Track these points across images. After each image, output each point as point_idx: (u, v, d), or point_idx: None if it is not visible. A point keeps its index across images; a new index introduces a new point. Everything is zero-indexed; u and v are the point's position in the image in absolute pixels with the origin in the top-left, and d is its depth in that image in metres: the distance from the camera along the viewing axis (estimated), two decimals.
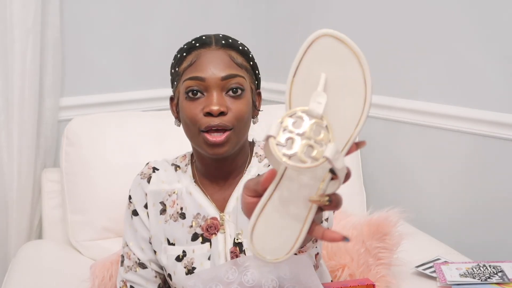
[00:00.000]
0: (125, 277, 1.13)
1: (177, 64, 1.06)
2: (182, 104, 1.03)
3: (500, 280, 1.36)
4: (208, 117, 0.99)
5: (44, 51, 1.68)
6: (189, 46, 1.05)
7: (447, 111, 1.72)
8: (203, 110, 0.99)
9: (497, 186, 1.64)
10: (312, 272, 0.97)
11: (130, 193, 1.14)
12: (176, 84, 1.06)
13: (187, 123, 1.02)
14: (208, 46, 1.03)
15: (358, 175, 1.80)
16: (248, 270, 0.96)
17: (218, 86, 1.00)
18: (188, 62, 1.03)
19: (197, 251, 1.05)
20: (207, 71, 1.00)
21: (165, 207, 1.10)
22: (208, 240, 1.06)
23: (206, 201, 1.08)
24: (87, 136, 1.57)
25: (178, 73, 1.05)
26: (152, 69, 1.98)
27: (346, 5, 1.95)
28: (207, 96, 1.01)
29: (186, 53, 1.04)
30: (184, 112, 1.02)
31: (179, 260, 1.06)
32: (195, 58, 1.02)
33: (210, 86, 1.00)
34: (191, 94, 1.01)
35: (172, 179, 1.12)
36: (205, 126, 0.99)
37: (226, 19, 2.09)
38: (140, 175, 1.14)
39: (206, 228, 1.06)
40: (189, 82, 1.01)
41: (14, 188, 1.66)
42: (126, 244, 1.13)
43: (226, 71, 1.01)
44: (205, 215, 1.07)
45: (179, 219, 1.09)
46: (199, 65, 1.01)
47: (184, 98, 1.02)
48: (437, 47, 1.72)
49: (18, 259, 1.50)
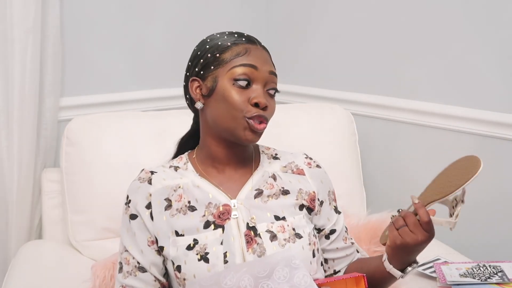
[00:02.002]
0: (124, 282, 1.12)
1: (218, 51, 1.10)
2: (227, 89, 1.08)
3: (500, 280, 1.37)
4: (256, 108, 1.07)
5: (44, 51, 1.68)
6: (234, 39, 1.11)
7: (447, 111, 1.72)
8: (252, 100, 1.07)
9: (497, 186, 1.64)
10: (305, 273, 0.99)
11: (129, 198, 1.15)
12: (213, 68, 1.10)
13: (231, 108, 1.07)
14: (254, 43, 1.12)
15: (358, 175, 1.80)
16: (245, 275, 0.99)
17: (265, 80, 1.09)
18: (237, 52, 1.09)
19: (210, 236, 1.08)
20: (259, 62, 1.09)
21: (171, 203, 1.12)
22: (221, 226, 1.09)
23: (215, 190, 1.13)
24: (87, 136, 1.57)
25: (220, 60, 1.09)
26: (152, 69, 1.99)
27: (346, 5, 1.95)
28: (255, 89, 1.08)
29: (231, 43, 1.10)
30: (231, 98, 1.07)
31: (190, 249, 1.08)
32: (245, 50, 1.09)
33: (259, 77, 1.08)
34: (241, 83, 1.07)
35: (173, 176, 1.15)
36: (253, 114, 1.06)
37: (226, 19, 2.10)
38: (138, 180, 1.16)
39: (218, 215, 1.10)
40: (242, 69, 1.07)
41: (14, 188, 1.66)
42: (125, 250, 1.14)
43: (272, 68, 1.12)
44: (217, 203, 1.11)
45: (188, 212, 1.11)
46: (251, 56, 1.09)
47: (232, 84, 1.08)
48: (437, 47, 1.72)
49: (18, 259, 1.50)
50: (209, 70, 1.10)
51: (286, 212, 1.13)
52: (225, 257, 1.06)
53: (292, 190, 1.16)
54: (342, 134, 1.78)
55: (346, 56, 1.99)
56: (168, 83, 2.00)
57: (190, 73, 1.14)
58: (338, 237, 1.21)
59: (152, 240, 1.12)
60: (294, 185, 1.17)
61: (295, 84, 2.13)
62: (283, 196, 1.15)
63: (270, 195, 1.14)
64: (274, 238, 1.09)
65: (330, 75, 2.05)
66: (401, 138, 1.87)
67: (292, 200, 1.15)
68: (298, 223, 1.12)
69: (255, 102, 1.06)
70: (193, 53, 1.15)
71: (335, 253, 1.21)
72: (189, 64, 1.15)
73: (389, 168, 1.92)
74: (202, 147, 1.17)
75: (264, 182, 1.15)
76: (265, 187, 1.15)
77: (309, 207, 1.17)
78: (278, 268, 1.00)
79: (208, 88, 1.10)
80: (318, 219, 1.19)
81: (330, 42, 2.03)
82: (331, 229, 1.20)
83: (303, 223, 1.13)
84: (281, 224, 1.11)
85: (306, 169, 1.20)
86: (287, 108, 1.79)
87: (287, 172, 1.19)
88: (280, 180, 1.17)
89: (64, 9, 1.75)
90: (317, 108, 1.86)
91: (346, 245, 1.22)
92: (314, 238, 1.14)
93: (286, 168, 1.20)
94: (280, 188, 1.15)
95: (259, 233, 1.09)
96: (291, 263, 1.00)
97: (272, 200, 1.13)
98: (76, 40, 1.81)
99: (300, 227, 1.12)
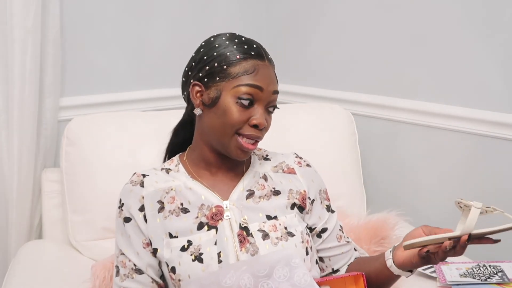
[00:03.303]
0: (122, 285, 1.12)
1: (226, 63, 1.08)
2: (229, 106, 1.07)
3: (500, 280, 1.37)
4: (253, 129, 1.08)
5: (44, 51, 1.68)
6: (243, 51, 1.09)
7: (447, 111, 1.72)
8: (251, 121, 1.07)
9: (497, 186, 1.64)
10: (305, 272, 1.00)
11: (122, 201, 1.15)
12: (218, 80, 1.08)
13: (229, 125, 1.07)
14: (262, 59, 1.10)
15: (358, 175, 1.80)
16: (245, 274, 1.00)
17: (267, 100, 1.09)
18: (245, 69, 1.08)
19: (204, 237, 1.09)
20: (265, 83, 1.08)
21: (163, 205, 1.12)
22: (214, 227, 1.10)
23: (208, 192, 1.14)
24: (87, 136, 1.57)
25: (228, 73, 1.08)
26: (152, 69, 1.98)
27: (346, 6, 1.95)
28: (256, 109, 1.08)
29: (240, 57, 1.08)
30: (231, 115, 1.07)
31: (184, 250, 1.08)
32: (254, 68, 1.08)
33: (263, 98, 1.08)
34: (244, 102, 1.07)
35: (165, 179, 1.16)
36: (247, 134, 1.08)
37: (226, 19, 2.09)
38: (130, 184, 1.16)
39: (211, 216, 1.11)
40: (248, 89, 1.07)
41: (14, 188, 1.66)
42: (121, 253, 1.14)
43: (276, 87, 1.12)
44: (209, 204, 1.12)
45: (181, 214, 1.11)
46: (259, 75, 1.08)
47: (235, 102, 1.07)
48: (437, 47, 1.72)
49: (18, 259, 1.50)
50: (214, 81, 1.09)
51: (278, 211, 1.14)
52: (219, 257, 1.07)
53: (283, 191, 1.17)
54: (342, 134, 1.78)
55: (346, 56, 1.99)
56: (168, 83, 2.00)
57: (192, 74, 1.12)
58: (331, 236, 1.21)
59: (147, 242, 1.12)
60: (285, 185, 1.18)
61: (295, 84, 2.13)
62: (275, 197, 1.16)
63: (261, 196, 1.15)
64: (266, 237, 1.09)
65: (330, 75, 2.05)
66: (401, 138, 1.87)
67: (283, 200, 1.16)
68: (290, 222, 1.13)
69: (254, 124, 1.07)
70: (199, 54, 1.13)
71: (329, 251, 1.21)
72: (192, 64, 1.13)
73: (389, 168, 1.92)
74: (195, 149, 1.17)
75: (255, 183, 1.16)
76: (256, 188, 1.16)
77: (301, 206, 1.17)
78: (278, 267, 1.00)
79: (210, 98, 1.09)
80: (309, 217, 1.19)
81: (330, 42, 2.03)
82: (322, 227, 1.20)
83: (295, 221, 1.14)
84: (273, 223, 1.12)
85: (297, 168, 1.21)
86: (287, 108, 1.79)
87: (278, 172, 1.20)
88: (271, 180, 1.18)
89: (64, 9, 1.75)
90: (317, 108, 1.86)
91: (340, 244, 1.22)
92: (307, 236, 1.15)
93: (277, 168, 1.21)
94: (271, 189, 1.16)
95: (251, 233, 1.10)
96: (290, 262, 1.01)
97: (263, 201, 1.14)
98: (76, 40, 1.81)
99: (292, 226, 1.13)
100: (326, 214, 1.22)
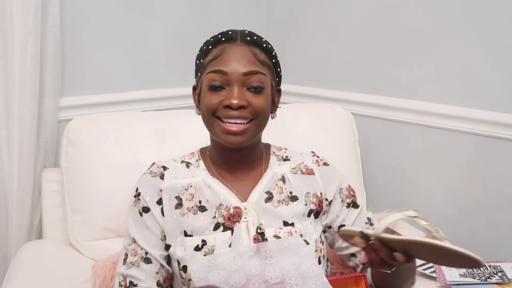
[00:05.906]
0: (125, 273, 1.12)
1: (202, 56, 1.10)
2: (204, 94, 1.08)
3: (500, 280, 1.37)
4: (227, 109, 1.05)
5: (44, 51, 1.68)
6: (215, 39, 1.09)
7: (447, 111, 1.72)
8: (223, 102, 1.05)
9: (497, 186, 1.64)
10: (313, 262, 1.02)
11: (139, 191, 1.14)
12: (200, 75, 1.11)
13: (205, 112, 1.08)
14: (233, 41, 1.08)
15: (358, 175, 1.80)
16: (251, 260, 1.01)
17: (240, 81, 1.05)
18: (212, 55, 1.07)
19: (218, 238, 1.08)
20: (230, 66, 1.05)
21: (181, 201, 1.12)
22: (230, 228, 1.09)
23: (227, 191, 1.13)
24: (87, 136, 1.57)
25: (202, 65, 1.10)
26: (152, 69, 1.98)
27: (346, 6, 1.95)
28: (229, 90, 1.06)
29: (211, 46, 1.09)
30: (204, 102, 1.07)
31: (198, 250, 1.08)
32: (219, 52, 1.07)
33: (232, 80, 1.05)
34: (213, 88, 1.06)
35: (185, 174, 1.15)
36: (223, 116, 1.05)
37: (226, 19, 2.10)
38: (149, 174, 1.15)
39: (229, 217, 1.10)
40: (212, 75, 1.06)
41: (14, 188, 1.65)
42: (133, 241, 1.13)
43: (248, 67, 1.06)
44: (228, 205, 1.11)
45: (199, 212, 1.11)
46: (223, 59, 1.06)
47: (207, 89, 1.07)
48: (437, 47, 1.72)
49: (18, 259, 1.50)
50: (197, 77, 1.13)
51: (295, 218, 1.13)
52: None
53: (300, 195, 1.16)
54: (342, 134, 1.78)
55: (346, 56, 1.99)
56: (168, 83, 2.00)
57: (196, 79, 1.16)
58: None
59: (164, 234, 1.12)
60: (302, 188, 1.17)
61: (295, 84, 2.13)
62: (292, 203, 1.15)
63: (280, 200, 1.14)
64: None
65: (330, 75, 2.05)
66: (401, 138, 1.87)
67: (301, 206, 1.15)
68: (306, 230, 1.12)
69: (225, 105, 1.05)
70: None
71: (352, 248, 1.18)
72: None
73: (389, 168, 1.92)
74: (210, 146, 1.19)
75: (274, 185, 1.16)
76: (275, 191, 1.15)
77: (317, 211, 1.17)
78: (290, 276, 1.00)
79: (198, 95, 1.12)
80: (326, 218, 1.19)
81: (330, 42, 2.03)
82: (339, 225, 1.19)
83: (310, 229, 1.13)
84: (289, 229, 1.11)
85: (315, 167, 1.20)
86: (287, 108, 1.79)
87: (296, 174, 1.19)
88: (289, 183, 1.17)
89: (64, 9, 1.75)
90: (317, 108, 1.86)
91: None
92: (321, 245, 1.14)
93: (296, 169, 1.19)
94: (288, 194, 1.15)
95: (267, 238, 1.09)
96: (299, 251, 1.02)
97: (282, 206, 1.13)
98: (76, 40, 1.81)
99: (307, 234, 1.12)
100: (345, 211, 1.20)
